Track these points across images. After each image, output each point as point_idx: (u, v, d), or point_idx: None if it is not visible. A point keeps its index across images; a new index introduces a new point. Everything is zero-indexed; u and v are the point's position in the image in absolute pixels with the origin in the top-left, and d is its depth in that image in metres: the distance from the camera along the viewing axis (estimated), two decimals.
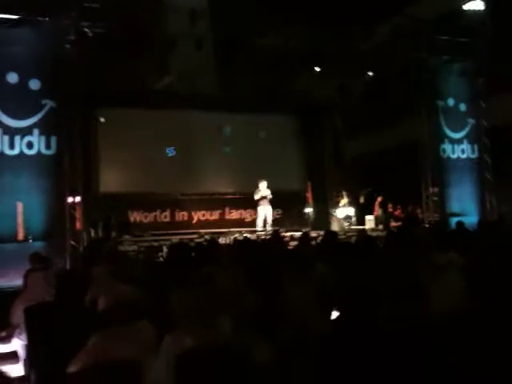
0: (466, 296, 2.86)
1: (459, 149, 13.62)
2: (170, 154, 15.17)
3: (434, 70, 13.40)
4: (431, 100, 13.47)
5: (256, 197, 13.53)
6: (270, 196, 13.43)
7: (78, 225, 10.40)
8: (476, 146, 13.79)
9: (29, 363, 3.72)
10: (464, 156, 13.67)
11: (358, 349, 2.33)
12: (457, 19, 12.91)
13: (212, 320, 3.01)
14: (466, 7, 13.12)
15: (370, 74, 13.40)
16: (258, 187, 13.51)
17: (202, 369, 2.76)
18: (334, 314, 2.93)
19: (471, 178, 13.60)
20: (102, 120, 14.32)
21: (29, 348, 3.74)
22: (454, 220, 10.37)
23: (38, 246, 9.31)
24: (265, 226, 13.56)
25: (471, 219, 10.69)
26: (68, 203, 10.18)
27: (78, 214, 10.35)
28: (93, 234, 12.02)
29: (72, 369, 2.81)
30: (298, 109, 16.30)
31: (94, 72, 11.41)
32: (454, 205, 13.16)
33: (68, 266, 9.50)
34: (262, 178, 13.58)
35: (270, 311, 3.34)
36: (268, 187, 13.51)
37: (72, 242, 10.14)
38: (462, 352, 2.30)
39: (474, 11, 13.36)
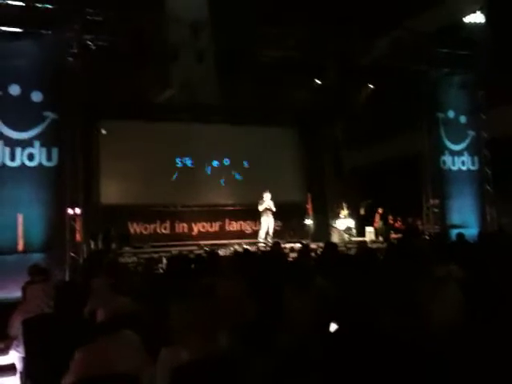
0: (466, 309, 2.85)
1: (459, 161, 13.64)
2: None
3: (434, 83, 13.47)
4: (431, 112, 13.52)
5: (260, 208, 13.56)
6: (273, 208, 13.47)
7: (78, 237, 10.40)
8: (476, 158, 13.81)
9: (25, 375, 3.70)
10: (464, 168, 13.68)
11: (358, 360, 2.32)
12: (457, 32, 12.97)
13: (210, 332, 2.99)
14: (466, 20, 13.20)
15: (371, 86, 13.43)
16: (262, 198, 13.53)
17: (198, 382, 2.74)
18: (333, 327, 2.92)
19: (471, 189, 13.60)
20: (104, 132, 14.38)
21: (26, 360, 3.71)
22: (454, 232, 10.35)
23: (38, 257, 9.30)
24: (266, 237, 13.55)
25: (471, 231, 10.68)
26: (68, 215, 10.19)
27: (78, 225, 10.36)
28: (93, 246, 12.00)
29: (65, 382, 2.80)
30: (298, 120, 16.35)
31: (96, 84, 11.47)
32: (455, 217, 13.15)
33: (67, 278, 9.47)
34: (263, 189, 13.60)
35: (269, 323, 3.33)
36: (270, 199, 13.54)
37: (72, 254, 10.13)
38: (462, 364, 2.29)
39: (475, 24, 13.44)
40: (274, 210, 13.51)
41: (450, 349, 2.41)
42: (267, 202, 13.47)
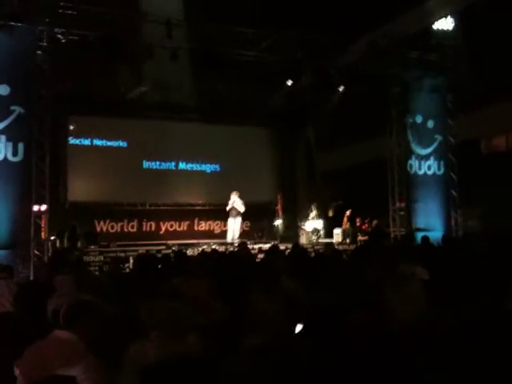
0: (428, 306, 2.92)
1: (426, 165, 13.88)
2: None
3: (404, 86, 13.66)
4: (401, 116, 13.73)
5: (227, 208, 13.55)
6: (240, 210, 13.44)
7: (43, 234, 10.22)
8: (442, 163, 14.07)
9: None
10: (430, 172, 13.93)
11: (327, 359, 2.35)
12: (428, 36, 13.22)
13: (178, 332, 2.98)
14: (436, 25, 13.46)
15: (341, 88, 13.56)
16: (230, 198, 13.52)
17: (167, 381, 2.72)
18: (298, 327, 2.94)
19: (437, 193, 13.85)
20: (72, 128, 14.14)
21: None
22: (419, 235, 10.56)
23: (2, 254, 9.11)
24: (233, 238, 13.54)
25: (436, 234, 10.91)
26: (34, 212, 10.00)
27: (44, 222, 10.17)
28: (58, 244, 11.79)
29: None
30: (271, 121, 16.37)
31: (65, 79, 11.28)
32: (420, 220, 13.39)
33: (32, 276, 9.31)
34: (234, 189, 13.59)
35: (236, 323, 3.33)
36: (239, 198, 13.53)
37: (36, 252, 9.95)
38: (428, 360, 2.34)
39: (444, 29, 13.72)
40: (240, 210, 13.48)
41: (414, 345, 2.46)
42: (235, 202, 13.45)
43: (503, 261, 4.14)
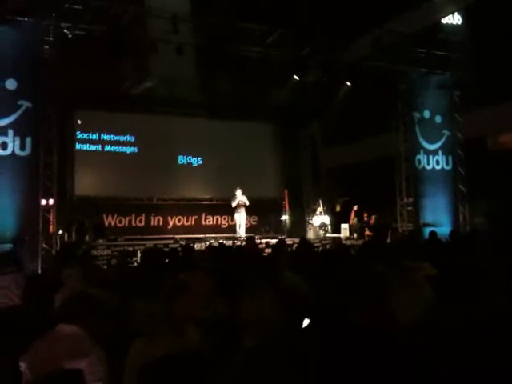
0: (436, 303, 2.91)
1: (434, 160, 13.82)
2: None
3: (411, 83, 13.60)
4: (408, 112, 13.66)
5: (233, 204, 13.58)
6: (246, 203, 13.48)
7: (52, 228, 10.27)
8: (450, 158, 14.01)
9: None
10: (439, 167, 13.87)
11: (332, 355, 2.34)
12: (435, 33, 13.12)
13: (181, 328, 2.98)
14: (444, 21, 13.37)
15: (348, 84, 13.50)
16: (234, 194, 13.55)
17: (168, 377, 2.73)
18: (305, 322, 2.94)
19: (445, 189, 13.79)
20: (79, 122, 14.19)
21: None
22: (427, 230, 10.51)
23: (11, 248, 9.17)
24: (240, 232, 13.59)
25: (444, 230, 10.85)
26: (42, 206, 10.05)
27: (52, 216, 10.22)
28: (66, 238, 11.86)
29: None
30: (277, 117, 16.36)
31: (72, 74, 11.31)
32: (428, 215, 13.33)
33: (40, 269, 9.36)
34: (239, 184, 13.61)
35: (238, 319, 3.33)
36: (244, 194, 13.54)
37: (45, 245, 10.01)
38: (434, 356, 2.34)
39: (452, 25, 13.63)
40: (247, 203, 13.52)
41: (420, 342, 2.46)
42: (239, 197, 13.49)
43: (508, 257, 4.11)
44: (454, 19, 14.10)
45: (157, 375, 2.51)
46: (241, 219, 13.67)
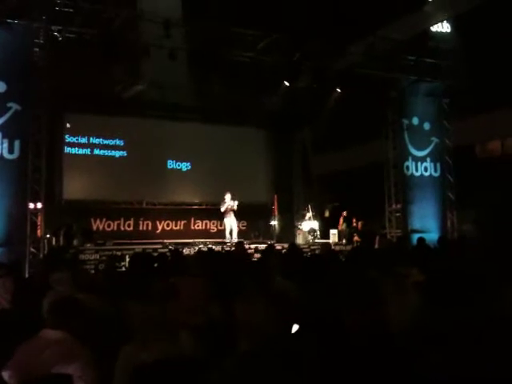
0: (423, 309, 2.93)
1: (422, 166, 13.91)
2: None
3: (401, 90, 13.69)
4: (397, 118, 13.75)
5: (222, 209, 13.57)
6: (235, 207, 13.48)
7: (39, 231, 10.19)
8: (439, 165, 14.10)
9: None
10: (427, 174, 13.95)
11: (324, 359, 2.35)
12: (425, 41, 13.24)
13: (172, 333, 2.97)
14: (432, 30, 13.49)
15: (338, 90, 13.56)
16: (223, 199, 13.54)
17: (160, 382, 2.71)
18: (295, 328, 2.94)
19: (433, 195, 13.87)
20: (68, 125, 14.12)
21: None
22: (415, 236, 10.57)
23: None
24: (231, 237, 13.57)
25: (432, 236, 10.91)
26: (29, 209, 9.97)
27: (40, 220, 10.14)
28: (54, 242, 11.76)
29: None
30: (268, 122, 16.38)
31: (63, 76, 11.25)
32: (416, 221, 13.40)
33: (28, 274, 9.27)
34: (229, 189, 13.61)
35: (231, 323, 3.32)
36: (234, 199, 13.53)
37: (32, 249, 9.92)
38: (424, 361, 2.35)
39: (441, 33, 13.76)
40: (235, 208, 13.51)
41: (412, 347, 2.47)
42: (228, 202, 13.49)
43: (497, 263, 4.15)
44: (443, 27, 14.24)
45: (149, 380, 2.50)
46: (232, 224, 13.65)
